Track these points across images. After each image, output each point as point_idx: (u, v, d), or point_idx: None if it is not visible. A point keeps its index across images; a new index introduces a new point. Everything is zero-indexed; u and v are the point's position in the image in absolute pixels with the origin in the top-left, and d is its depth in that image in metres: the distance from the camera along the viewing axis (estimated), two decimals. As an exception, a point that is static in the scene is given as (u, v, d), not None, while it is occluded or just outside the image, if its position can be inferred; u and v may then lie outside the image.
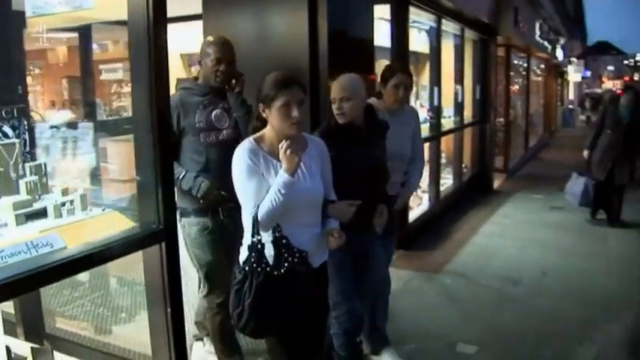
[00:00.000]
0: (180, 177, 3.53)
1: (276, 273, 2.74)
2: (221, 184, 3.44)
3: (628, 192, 8.10)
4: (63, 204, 2.69)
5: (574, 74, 30.55)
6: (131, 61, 2.71)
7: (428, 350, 4.30)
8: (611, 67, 65.74)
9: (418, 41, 8.12)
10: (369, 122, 3.56)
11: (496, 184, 11.48)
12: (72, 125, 3.46)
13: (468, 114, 10.18)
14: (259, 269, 2.75)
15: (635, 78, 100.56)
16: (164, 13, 2.62)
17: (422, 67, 9.17)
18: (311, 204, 2.89)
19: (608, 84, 77.25)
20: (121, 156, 3.60)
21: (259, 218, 2.70)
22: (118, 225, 2.80)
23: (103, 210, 2.85)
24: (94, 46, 4.59)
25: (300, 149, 2.75)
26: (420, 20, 7.52)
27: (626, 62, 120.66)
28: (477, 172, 10.80)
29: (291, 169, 2.65)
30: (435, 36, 7.97)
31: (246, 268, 2.77)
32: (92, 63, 4.57)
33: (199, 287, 3.81)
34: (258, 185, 2.71)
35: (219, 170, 3.48)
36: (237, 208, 2.85)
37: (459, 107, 9.61)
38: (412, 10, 6.61)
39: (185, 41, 5.83)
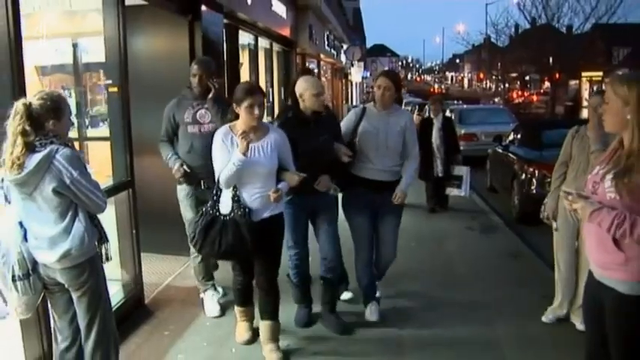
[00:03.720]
0: (167, 157, 4.78)
1: (222, 218, 3.85)
2: (201, 163, 4.53)
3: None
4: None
5: (356, 75, 33.29)
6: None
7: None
8: (386, 69, 72.79)
9: (243, 54, 10.31)
10: (317, 114, 4.37)
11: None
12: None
13: (277, 111, 12.58)
14: (211, 212, 3.90)
15: (409, 77, 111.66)
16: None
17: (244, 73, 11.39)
18: (262, 174, 3.87)
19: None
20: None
21: (220, 179, 3.83)
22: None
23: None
24: None
25: (254, 137, 3.79)
26: (244, 39, 9.73)
27: (399, 63, 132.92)
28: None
29: (243, 150, 3.67)
30: (254, 49, 10.26)
31: (204, 209, 3.97)
32: None
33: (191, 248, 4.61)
34: (225, 157, 3.79)
35: (200, 153, 4.55)
36: (214, 182, 3.90)
37: (271, 107, 11.93)
38: (240, 32, 8.82)
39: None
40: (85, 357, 3.23)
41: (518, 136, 10.23)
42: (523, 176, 8.54)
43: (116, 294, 4.65)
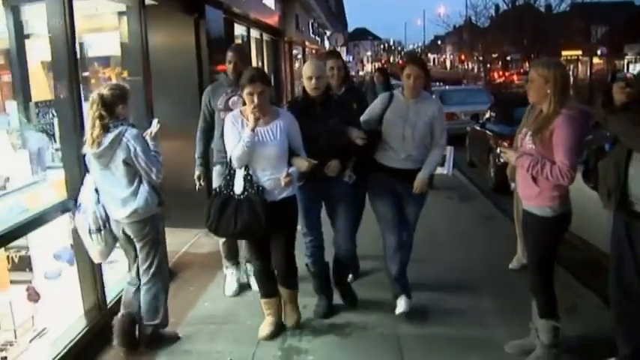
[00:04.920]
0: (196, 157, 5.02)
1: (236, 197, 3.92)
2: None
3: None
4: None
5: None
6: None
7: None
8: (369, 53, 73.32)
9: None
10: (326, 98, 4.33)
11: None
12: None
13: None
14: (225, 191, 3.97)
15: (391, 60, 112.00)
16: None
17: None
18: (272, 156, 3.94)
19: (368, 66, 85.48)
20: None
21: (232, 159, 3.92)
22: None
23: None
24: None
25: (263, 121, 3.86)
26: (238, 31, 10.46)
27: (381, 46, 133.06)
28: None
29: (252, 126, 3.79)
30: (247, 39, 10.98)
31: (216, 190, 4.08)
32: None
33: None
34: (235, 138, 3.89)
35: None
36: None
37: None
38: (235, 25, 9.56)
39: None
40: (141, 295, 4.06)
41: (494, 114, 11.06)
42: (497, 150, 9.33)
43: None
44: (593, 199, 3.57)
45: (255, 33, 11.61)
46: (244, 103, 3.97)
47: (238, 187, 3.96)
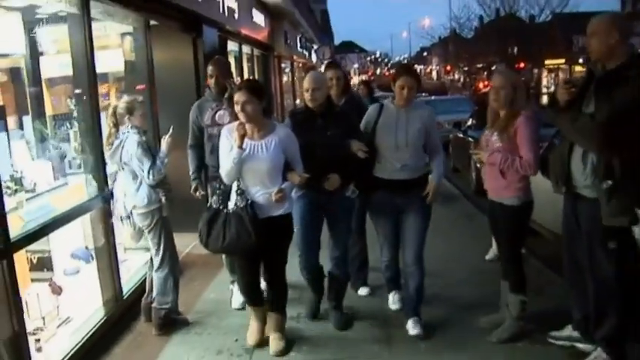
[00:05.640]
0: (190, 172, 5.04)
1: (225, 211, 3.89)
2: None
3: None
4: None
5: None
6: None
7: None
8: (356, 65, 73.96)
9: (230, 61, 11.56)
10: (327, 109, 4.28)
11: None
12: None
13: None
14: (215, 206, 3.96)
15: (377, 72, 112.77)
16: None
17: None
18: (263, 171, 3.88)
19: (355, 79, 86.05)
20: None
21: (222, 174, 3.94)
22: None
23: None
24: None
25: (257, 135, 3.88)
26: (231, 47, 10.99)
27: (368, 58, 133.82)
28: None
29: (238, 144, 3.77)
30: (239, 56, 11.53)
31: (208, 204, 4.09)
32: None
33: None
34: (228, 152, 3.86)
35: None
36: None
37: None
38: (229, 42, 10.10)
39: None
40: (153, 280, 4.64)
41: (474, 121, 11.65)
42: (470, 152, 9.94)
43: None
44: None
45: (246, 49, 12.15)
46: (236, 117, 3.98)
47: (231, 201, 3.95)
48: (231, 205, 3.92)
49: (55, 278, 4.78)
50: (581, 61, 41.89)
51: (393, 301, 4.88)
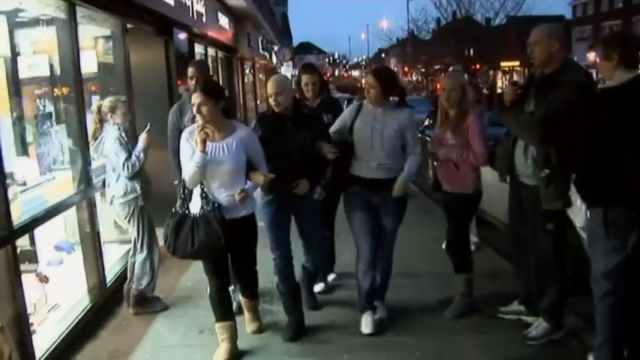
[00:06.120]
0: (176, 184, 4.57)
1: (191, 216, 3.86)
2: None
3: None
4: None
5: (285, 73, 34.50)
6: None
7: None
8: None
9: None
10: (295, 112, 4.25)
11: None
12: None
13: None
14: (180, 211, 3.93)
15: (336, 73, 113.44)
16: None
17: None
18: (226, 172, 3.86)
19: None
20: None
21: (185, 178, 3.89)
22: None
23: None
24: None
25: (218, 136, 3.83)
26: (197, 49, 11.31)
27: (326, 59, 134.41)
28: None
29: (200, 148, 3.71)
30: (205, 57, 11.85)
31: (173, 209, 3.98)
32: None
33: None
34: (189, 156, 3.82)
35: None
36: None
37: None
38: (195, 44, 10.44)
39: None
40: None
41: (431, 121, 12.19)
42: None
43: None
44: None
45: (211, 51, 12.51)
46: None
47: (195, 206, 3.92)
48: (195, 209, 3.90)
49: (40, 269, 5.07)
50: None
51: (366, 323, 4.50)
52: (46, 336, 4.35)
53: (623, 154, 3.32)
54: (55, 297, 4.92)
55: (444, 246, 6.52)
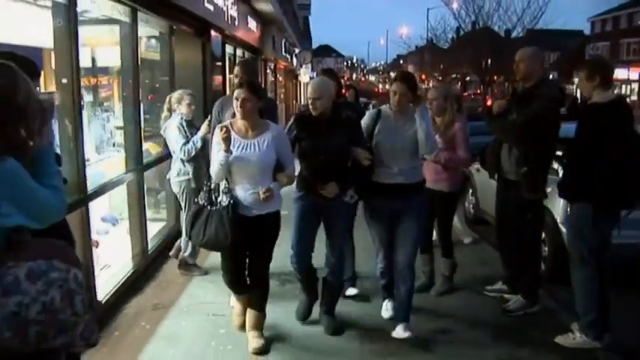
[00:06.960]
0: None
1: (209, 208, 4.00)
2: None
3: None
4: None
5: (304, 76, 33.26)
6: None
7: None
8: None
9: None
10: (333, 115, 4.26)
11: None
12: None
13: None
14: (200, 202, 4.08)
15: (354, 77, 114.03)
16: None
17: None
18: (253, 170, 3.94)
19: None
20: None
21: (211, 173, 4.04)
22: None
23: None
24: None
25: (251, 134, 3.95)
26: (228, 50, 12.15)
27: (344, 63, 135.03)
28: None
29: (225, 149, 3.82)
30: (233, 58, 12.69)
31: (196, 199, 4.20)
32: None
33: None
34: (217, 151, 3.93)
35: None
36: None
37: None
38: (227, 45, 11.28)
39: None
40: None
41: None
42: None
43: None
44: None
45: (239, 52, 13.33)
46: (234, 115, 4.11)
47: (221, 200, 4.02)
48: (217, 203, 4.02)
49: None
50: (551, 77, 43.73)
51: (386, 308, 4.85)
52: (100, 288, 5.15)
53: (605, 158, 4.00)
54: (105, 260, 5.72)
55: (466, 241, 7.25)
